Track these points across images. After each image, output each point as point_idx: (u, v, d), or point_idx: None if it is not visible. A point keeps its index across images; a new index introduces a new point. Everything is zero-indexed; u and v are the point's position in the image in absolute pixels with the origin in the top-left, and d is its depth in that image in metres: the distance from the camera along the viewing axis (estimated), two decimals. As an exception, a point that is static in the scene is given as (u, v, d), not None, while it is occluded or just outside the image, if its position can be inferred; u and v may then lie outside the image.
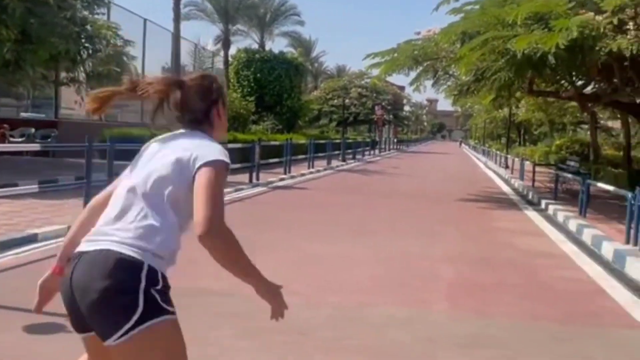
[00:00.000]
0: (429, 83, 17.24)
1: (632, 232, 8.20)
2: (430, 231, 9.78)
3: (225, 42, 36.55)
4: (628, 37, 9.92)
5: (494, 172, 27.65)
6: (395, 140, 62.08)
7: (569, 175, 13.84)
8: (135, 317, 1.77)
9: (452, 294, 5.90)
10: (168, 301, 1.87)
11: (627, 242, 8.28)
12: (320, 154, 25.32)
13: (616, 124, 31.43)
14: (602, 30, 10.25)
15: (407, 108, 76.95)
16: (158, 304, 1.81)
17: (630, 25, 9.99)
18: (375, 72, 15.25)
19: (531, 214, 12.72)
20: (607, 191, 11.39)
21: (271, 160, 18.96)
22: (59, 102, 21.66)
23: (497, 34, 11.23)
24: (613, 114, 24.70)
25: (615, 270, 7.33)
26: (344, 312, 5.04)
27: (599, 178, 20.25)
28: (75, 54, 14.90)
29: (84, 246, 1.89)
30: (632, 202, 8.14)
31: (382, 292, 5.77)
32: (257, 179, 16.15)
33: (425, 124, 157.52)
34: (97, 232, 1.91)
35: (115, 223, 1.89)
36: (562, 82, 15.35)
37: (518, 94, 19.79)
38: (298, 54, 35.77)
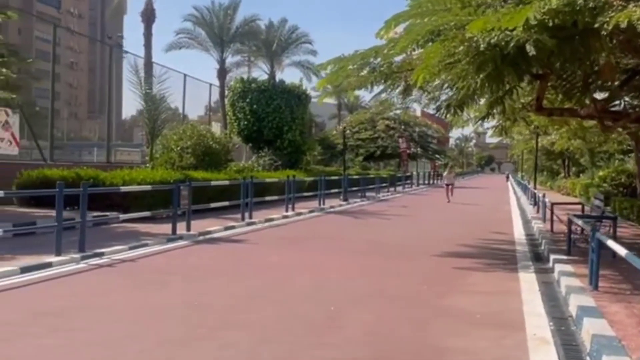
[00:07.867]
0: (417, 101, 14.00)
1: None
2: (330, 322, 6.07)
3: (220, 71, 33.35)
4: (645, 4, 6.14)
5: (522, 210, 23.40)
6: (433, 174, 57.60)
7: (579, 222, 9.71)
8: None
9: None
10: None
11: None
12: (305, 194, 21.90)
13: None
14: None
15: (451, 142, 72.49)
16: None
17: (648, -15, 6.23)
18: (329, 88, 11.66)
19: (527, 278, 8.77)
20: None
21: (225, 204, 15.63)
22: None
23: (453, 18, 7.58)
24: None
25: None
26: None
27: (642, 219, 15.97)
28: None
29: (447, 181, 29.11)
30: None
31: None
32: (188, 229, 12.76)
33: (474, 157, 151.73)
34: (448, 181, 29.00)
35: (450, 179, 29.20)
36: (577, 93, 11.41)
37: (531, 116, 15.84)
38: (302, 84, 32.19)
